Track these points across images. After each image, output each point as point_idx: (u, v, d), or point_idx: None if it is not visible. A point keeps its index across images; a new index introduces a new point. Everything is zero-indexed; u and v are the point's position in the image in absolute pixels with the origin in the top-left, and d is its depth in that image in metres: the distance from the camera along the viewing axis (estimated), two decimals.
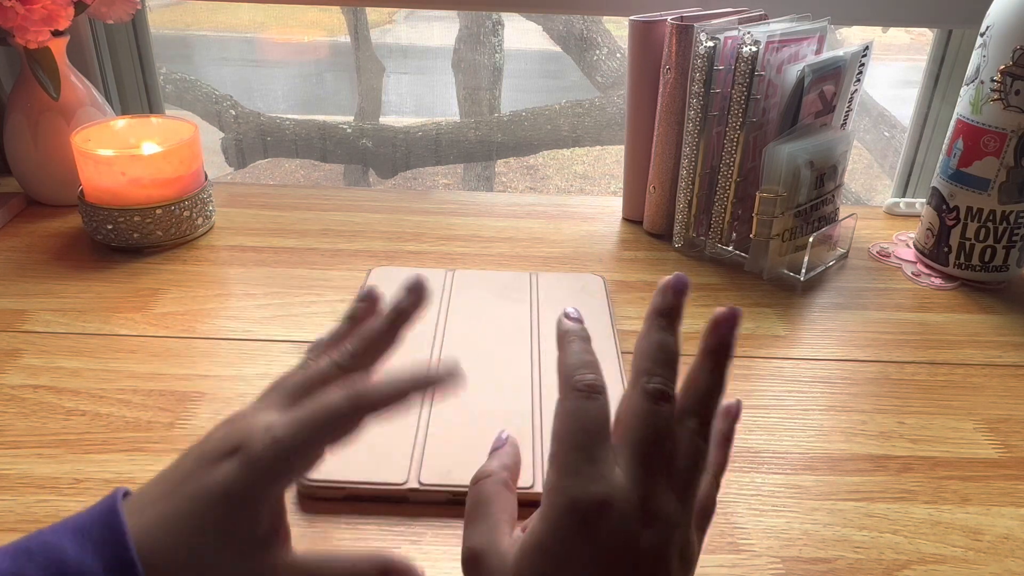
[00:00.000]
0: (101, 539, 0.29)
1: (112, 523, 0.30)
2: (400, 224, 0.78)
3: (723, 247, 0.73)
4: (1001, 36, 0.63)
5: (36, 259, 0.69)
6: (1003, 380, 0.58)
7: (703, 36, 0.67)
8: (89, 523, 0.30)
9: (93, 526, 0.30)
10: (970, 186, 0.67)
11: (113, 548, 0.29)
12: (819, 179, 0.70)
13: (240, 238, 0.74)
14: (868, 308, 0.67)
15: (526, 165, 2.24)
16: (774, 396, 0.55)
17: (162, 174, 0.69)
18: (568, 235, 0.78)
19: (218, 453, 0.31)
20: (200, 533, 0.30)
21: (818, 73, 0.68)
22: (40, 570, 0.28)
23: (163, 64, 1.81)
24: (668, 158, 0.74)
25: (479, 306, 0.62)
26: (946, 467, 0.49)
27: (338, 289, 0.66)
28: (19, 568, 0.28)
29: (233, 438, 0.31)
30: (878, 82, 1.93)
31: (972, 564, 0.42)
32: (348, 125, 1.85)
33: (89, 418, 0.50)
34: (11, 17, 0.66)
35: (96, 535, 0.29)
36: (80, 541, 0.29)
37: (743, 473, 0.48)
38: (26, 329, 0.59)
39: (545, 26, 1.89)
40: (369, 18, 1.90)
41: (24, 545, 0.29)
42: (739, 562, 0.42)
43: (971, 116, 0.66)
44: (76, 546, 0.29)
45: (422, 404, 0.51)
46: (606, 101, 1.87)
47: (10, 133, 0.76)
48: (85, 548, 0.29)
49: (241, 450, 0.31)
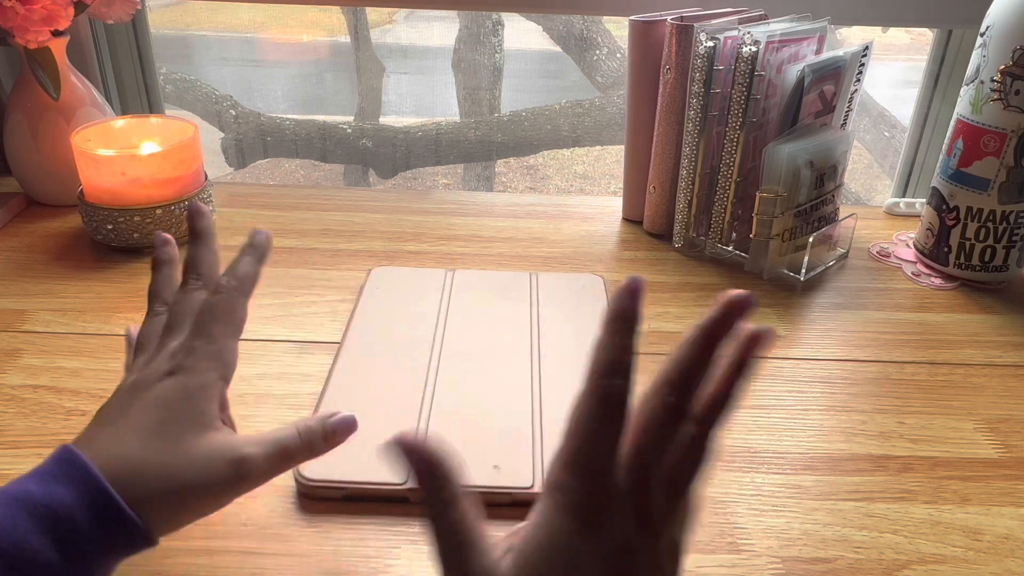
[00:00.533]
0: (61, 472, 0.31)
1: (68, 457, 0.31)
2: (400, 224, 0.78)
3: (723, 247, 0.73)
4: (1001, 36, 0.63)
5: (36, 259, 0.69)
6: (1003, 380, 0.58)
7: (703, 36, 0.67)
8: (44, 467, 0.31)
9: (49, 467, 0.31)
10: (970, 186, 0.67)
11: (75, 473, 0.31)
12: (819, 179, 0.70)
13: (240, 238, 0.73)
14: (868, 308, 0.67)
15: (526, 165, 2.24)
16: (774, 396, 0.55)
17: (162, 174, 0.69)
18: (568, 235, 0.78)
19: (156, 376, 0.35)
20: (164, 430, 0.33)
21: (818, 73, 0.68)
22: (6, 507, 0.29)
23: (163, 64, 1.81)
24: (668, 158, 0.74)
25: (479, 306, 0.62)
26: (946, 467, 0.49)
27: (338, 289, 0.66)
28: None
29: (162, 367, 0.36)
30: (878, 82, 1.93)
31: (972, 564, 0.42)
32: (348, 125, 1.85)
33: (89, 418, 0.50)
34: (11, 17, 0.66)
35: (55, 471, 0.31)
36: (40, 480, 0.31)
37: (743, 473, 0.48)
38: (26, 329, 0.59)
39: (545, 26, 1.89)
40: (369, 18, 1.90)
41: None
42: (739, 562, 0.42)
43: (971, 116, 0.66)
44: (38, 484, 0.30)
45: (422, 404, 0.51)
46: (606, 101, 1.87)
47: (10, 133, 0.76)
48: (47, 482, 0.30)
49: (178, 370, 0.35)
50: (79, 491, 0.30)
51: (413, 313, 0.61)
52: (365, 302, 0.62)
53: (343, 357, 0.55)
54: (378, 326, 0.59)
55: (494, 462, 0.46)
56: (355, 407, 0.51)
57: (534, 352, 0.57)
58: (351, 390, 0.52)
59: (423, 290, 0.64)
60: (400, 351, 0.56)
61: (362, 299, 0.63)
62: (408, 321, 0.60)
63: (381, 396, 0.51)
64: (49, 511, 0.29)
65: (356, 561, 0.41)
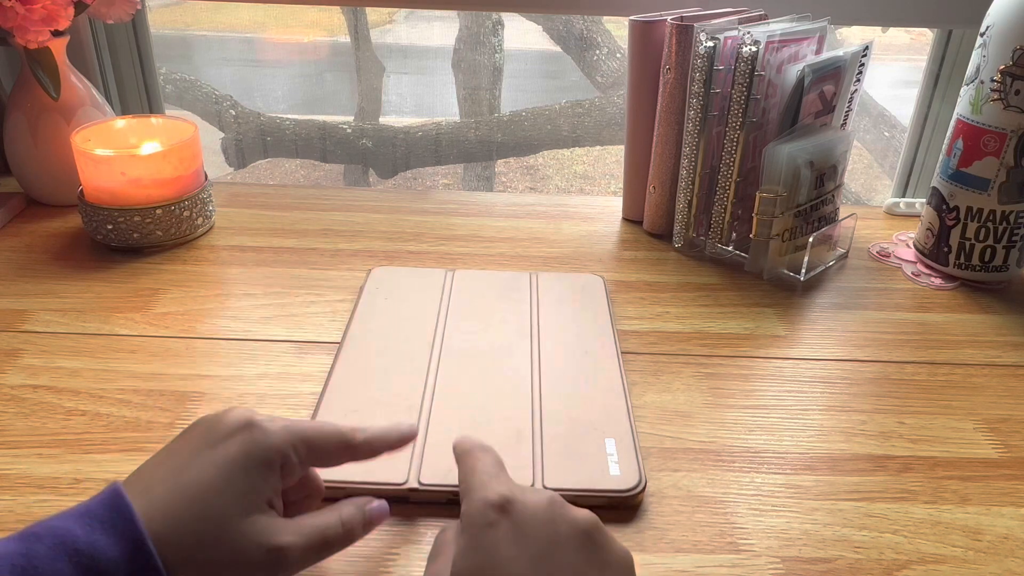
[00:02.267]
0: (109, 520, 0.30)
1: (117, 504, 0.31)
2: (400, 224, 0.78)
3: (723, 247, 0.73)
4: (1001, 36, 0.63)
5: (36, 259, 0.69)
6: (1003, 380, 0.58)
7: (703, 36, 0.67)
8: (93, 508, 0.31)
9: (98, 509, 0.31)
10: (970, 186, 0.67)
11: (123, 527, 0.30)
12: (819, 179, 0.70)
13: (240, 238, 0.74)
14: (868, 308, 0.67)
15: (526, 165, 2.24)
16: (774, 396, 0.55)
17: (162, 174, 0.69)
18: (568, 235, 0.78)
19: (229, 429, 0.34)
20: (210, 500, 0.32)
21: (818, 73, 0.68)
22: (49, 550, 0.29)
23: (163, 64, 1.81)
24: (668, 158, 0.74)
25: (479, 306, 0.62)
26: (946, 467, 0.49)
27: (338, 289, 0.66)
28: (28, 549, 0.29)
29: (245, 416, 0.35)
30: (878, 82, 1.93)
31: (972, 564, 0.42)
32: (348, 125, 1.85)
33: (89, 418, 0.50)
34: (11, 17, 0.66)
35: (103, 516, 0.30)
36: (87, 523, 0.30)
37: (743, 473, 0.48)
38: (26, 329, 0.59)
39: (545, 26, 1.89)
40: (369, 18, 1.90)
41: (30, 530, 0.30)
42: (739, 562, 0.42)
43: (971, 116, 0.66)
44: (84, 528, 0.30)
45: (422, 404, 0.51)
46: (606, 101, 1.87)
47: (10, 133, 0.76)
48: (94, 528, 0.30)
49: (254, 426, 0.35)
50: (123, 547, 0.29)
51: (413, 313, 0.61)
52: (365, 302, 0.62)
53: (343, 357, 0.55)
54: (378, 326, 0.59)
55: None
56: (355, 407, 0.51)
57: (534, 352, 0.57)
58: (351, 390, 0.52)
59: (423, 290, 0.64)
60: (400, 351, 0.56)
61: (362, 299, 0.63)
62: (408, 321, 0.60)
63: (381, 396, 0.51)
64: (92, 562, 0.29)
65: (356, 561, 0.41)
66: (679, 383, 0.56)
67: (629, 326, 0.62)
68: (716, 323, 0.64)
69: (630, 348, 0.59)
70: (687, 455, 0.49)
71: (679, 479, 0.47)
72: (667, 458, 0.49)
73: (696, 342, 0.61)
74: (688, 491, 0.46)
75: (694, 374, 0.57)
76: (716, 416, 0.53)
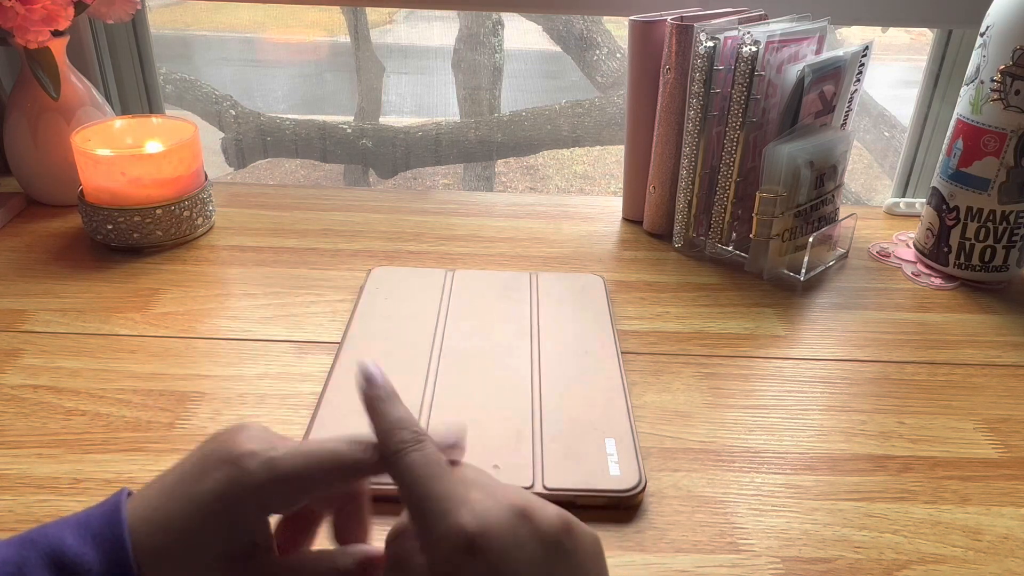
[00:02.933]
0: (101, 535, 0.30)
1: (113, 520, 0.31)
2: (400, 224, 0.78)
3: (723, 247, 0.73)
4: (1001, 36, 0.63)
5: (36, 259, 0.69)
6: (1003, 380, 0.58)
7: (703, 36, 0.67)
8: (92, 519, 0.31)
9: (95, 521, 0.31)
10: (970, 186, 0.67)
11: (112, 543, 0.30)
12: (819, 179, 0.70)
13: (240, 238, 0.74)
14: (868, 308, 0.67)
15: (526, 165, 2.24)
16: (774, 396, 0.55)
17: (162, 174, 0.69)
18: (568, 235, 0.78)
19: (216, 460, 0.32)
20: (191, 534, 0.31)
21: (818, 73, 0.68)
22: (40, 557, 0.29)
23: (163, 64, 1.81)
24: (668, 158, 0.74)
25: (479, 306, 0.62)
26: (946, 467, 0.49)
27: (338, 289, 0.66)
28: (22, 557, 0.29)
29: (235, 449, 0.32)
30: (878, 82, 1.93)
31: (972, 564, 0.42)
32: (348, 125, 1.85)
33: (89, 418, 0.50)
34: (11, 17, 0.66)
35: (97, 530, 0.31)
36: (81, 534, 0.30)
37: (743, 473, 0.48)
38: (26, 329, 0.59)
39: (545, 26, 1.89)
40: (369, 18, 1.90)
41: (29, 536, 0.30)
42: (739, 562, 0.42)
43: (971, 116, 0.66)
44: (77, 539, 0.30)
45: (422, 404, 0.51)
46: (606, 101, 1.87)
47: (10, 133, 0.76)
48: (86, 541, 0.30)
49: (238, 463, 0.31)
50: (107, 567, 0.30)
51: (413, 313, 0.61)
52: (365, 302, 0.62)
53: (343, 357, 0.55)
54: (378, 326, 0.59)
55: (494, 462, 0.46)
56: (355, 407, 0.51)
57: (534, 352, 0.57)
58: (351, 390, 0.52)
59: (423, 290, 0.64)
60: (400, 351, 0.56)
61: (362, 299, 0.63)
62: (408, 321, 0.60)
63: None
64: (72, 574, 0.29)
65: None
66: (679, 383, 0.56)
67: (629, 326, 0.62)
68: (716, 323, 0.64)
69: (630, 348, 0.59)
70: (687, 455, 0.49)
71: (679, 479, 0.47)
72: (667, 458, 0.49)
73: (696, 342, 0.61)
74: (688, 491, 0.46)
75: (694, 374, 0.57)
76: (716, 416, 0.53)
